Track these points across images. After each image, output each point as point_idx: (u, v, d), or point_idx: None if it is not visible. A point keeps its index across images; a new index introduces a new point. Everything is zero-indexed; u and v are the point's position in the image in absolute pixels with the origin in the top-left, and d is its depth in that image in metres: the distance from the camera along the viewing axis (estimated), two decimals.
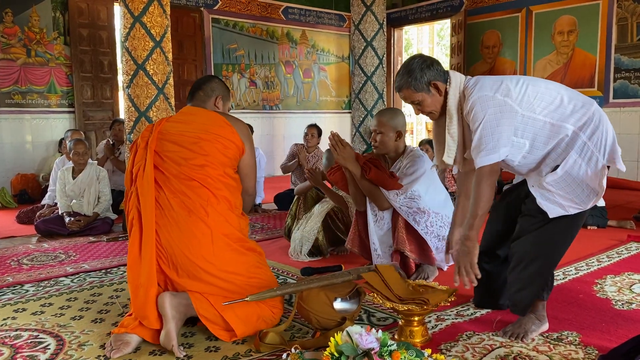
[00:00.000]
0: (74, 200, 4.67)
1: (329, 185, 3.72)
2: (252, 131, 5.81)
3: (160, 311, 2.14)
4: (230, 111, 2.72)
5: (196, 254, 2.24)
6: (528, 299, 2.26)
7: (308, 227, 3.62)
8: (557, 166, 2.14)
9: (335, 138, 3.00)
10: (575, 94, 2.23)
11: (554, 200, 2.15)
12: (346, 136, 9.76)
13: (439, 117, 2.34)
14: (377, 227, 3.15)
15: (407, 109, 15.30)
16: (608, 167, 2.18)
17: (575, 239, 3.81)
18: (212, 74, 8.27)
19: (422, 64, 2.26)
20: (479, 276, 2.12)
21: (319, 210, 3.70)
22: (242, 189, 2.53)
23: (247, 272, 2.35)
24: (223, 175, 2.38)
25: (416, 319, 2.17)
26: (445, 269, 3.24)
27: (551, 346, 2.14)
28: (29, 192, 6.47)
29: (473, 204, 2.13)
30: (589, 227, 4.36)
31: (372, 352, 1.70)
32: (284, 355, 1.88)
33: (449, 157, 2.29)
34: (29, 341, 2.29)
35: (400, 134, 3.12)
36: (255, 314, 2.27)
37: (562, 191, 2.14)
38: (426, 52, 15.26)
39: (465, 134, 2.27)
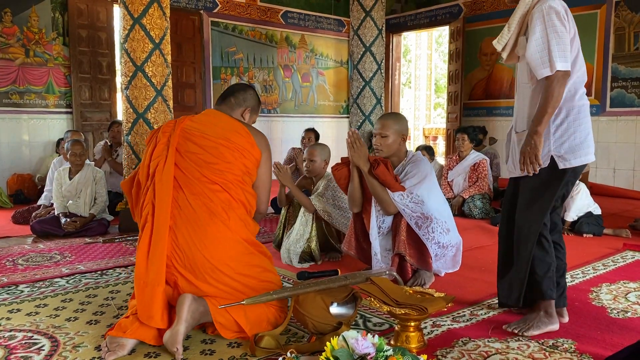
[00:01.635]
0: (70, 201, 4.65)
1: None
2: None
3: (177, 310, 2.12)
4: None
5: (217, 256, 2.24)
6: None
7: (292, 239, 3.61)
8: (522, 132, 2.37)
9: (353, 136, 3.02)
10: (578, 86, 2.32)
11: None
12: (344, 141, 9.76)
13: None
14: (379, 231, 3.15)
15: (404, 114, 15.36)
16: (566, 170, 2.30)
17: (571, 247, 3.85)
18: (211, 76, 8.29)
19: None
20: (542, 166, 2.27)
21: (303, 220, 3.67)
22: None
23: (260, 275, 2.37)
24: (242, 182, 2.39)
25: (412, 324, 2.17)
26: (442, 274, 3.24)
27: (547, 353, 2.14)
28: (24, 192, 6.45)
29: (542, 102, 2.23)
30: (584, 235, 4.37)
31: (368, 357, 1.70)
32: (280, 359, 1.87)
33: (498, 42, 2.43)
34: (23, 342, 2.28)
35: (404, 138, 3.15)
36: (265, 316, 2.29)
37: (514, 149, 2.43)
38: (424, 58, 15.31)
39: (520, 31, 2.39)
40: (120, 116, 6.16)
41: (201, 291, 2.24)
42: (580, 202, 4.50)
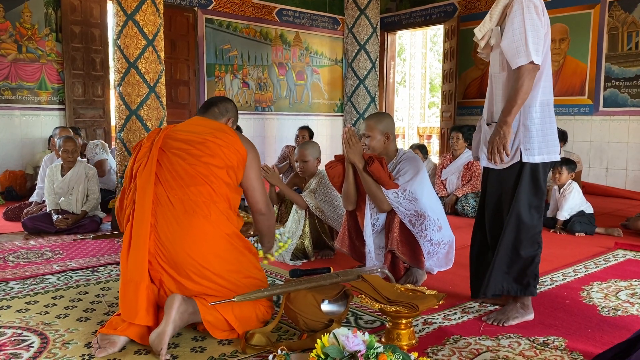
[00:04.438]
0: (62, 198, 4.63)
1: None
2: (240, 131, 5.81)
3: (165, 310, 2.10)
4: None
5: (199, 253, 2.24)
6: None
7: (285, 237, 3.60)
8: (491, 123, 2.46)
9: (349, 132, 3.04)
10: (543, 91, 2.38)
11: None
12: (338, 139, 9.77)
13: None
14: (372, 228, 3.15)
15: (399, 112, 15.37)
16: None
17: (563, 245, 3.87)
18: (205, 74, 8.27)
19: None
20: (509, 157, 2.35)
21: (296, 217, 3.66)
22: (252, 208, 2.58)
23: (246, 271, 2.37)
24: (226, 175, 2.39)
25: (404, 321, 2.17)
26: (434, 272, 3.25)
27: (537, 351, 2.15)
28: (16, 189, 6.41)
29: (512, 93, 2.30)
30: (576, 234, 4.39)
31: (359, 354, 1.70)
32: (270, 357, 1.87)
33: (479, 31, 2.49)
34: (13, 339, 2.26)
35: (388, 136, 3.14)
36: (254, 314, 2.29)
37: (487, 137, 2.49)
38: (419, 57, 15.32)
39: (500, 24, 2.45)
40: (112, 113, 6.14)
41: (186, 289, 2.23)
42: (573, 201, 4.51)
